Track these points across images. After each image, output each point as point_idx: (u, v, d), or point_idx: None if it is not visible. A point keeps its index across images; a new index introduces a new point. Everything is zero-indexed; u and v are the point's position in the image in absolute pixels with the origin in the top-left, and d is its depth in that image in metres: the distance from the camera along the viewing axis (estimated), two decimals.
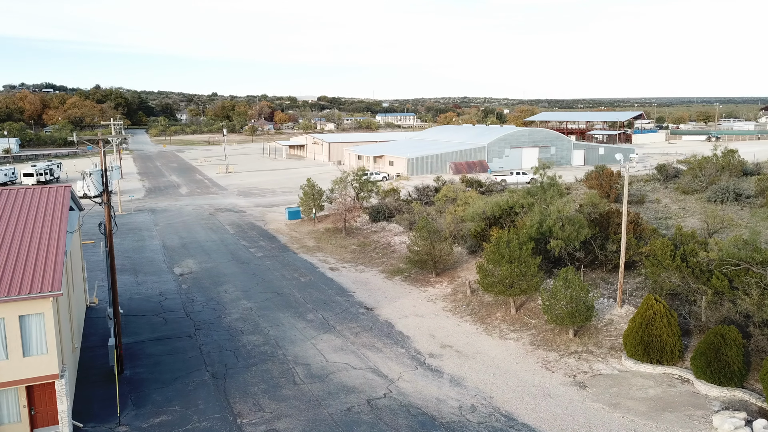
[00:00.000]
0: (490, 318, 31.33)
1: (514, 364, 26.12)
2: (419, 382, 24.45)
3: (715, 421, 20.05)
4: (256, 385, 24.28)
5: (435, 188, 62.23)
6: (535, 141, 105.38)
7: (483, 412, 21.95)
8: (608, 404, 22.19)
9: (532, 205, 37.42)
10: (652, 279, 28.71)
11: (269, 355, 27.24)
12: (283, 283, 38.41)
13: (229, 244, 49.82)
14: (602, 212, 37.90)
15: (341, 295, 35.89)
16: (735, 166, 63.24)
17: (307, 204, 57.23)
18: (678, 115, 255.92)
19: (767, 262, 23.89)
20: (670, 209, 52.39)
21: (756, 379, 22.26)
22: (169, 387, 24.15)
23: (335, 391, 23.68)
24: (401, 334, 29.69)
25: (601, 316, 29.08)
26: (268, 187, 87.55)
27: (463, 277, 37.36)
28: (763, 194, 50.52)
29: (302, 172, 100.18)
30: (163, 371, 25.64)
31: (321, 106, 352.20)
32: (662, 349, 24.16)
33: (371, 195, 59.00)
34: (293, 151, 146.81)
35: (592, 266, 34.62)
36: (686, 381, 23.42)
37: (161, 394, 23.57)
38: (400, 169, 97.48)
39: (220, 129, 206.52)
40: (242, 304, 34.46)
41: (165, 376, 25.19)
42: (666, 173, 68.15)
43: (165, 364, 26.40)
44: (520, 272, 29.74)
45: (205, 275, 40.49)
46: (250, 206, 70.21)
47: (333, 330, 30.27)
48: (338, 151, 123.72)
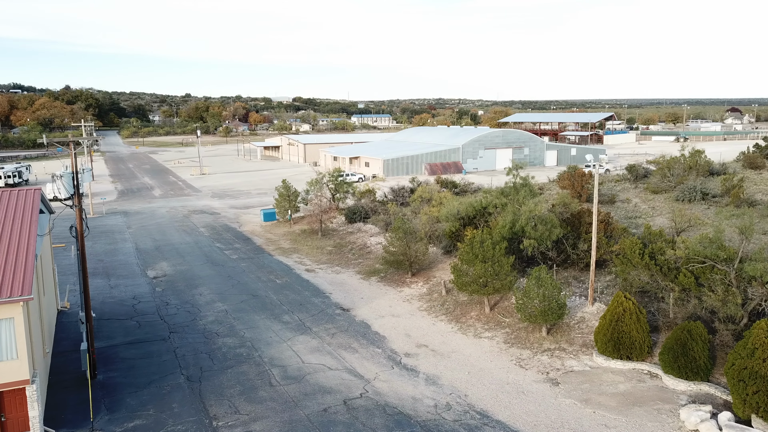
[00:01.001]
0: (464, 317, 31.69)
1: (489, 362, 26.49)
2: (395, 382, 24.64)
3: (682, 415, 20.63)
4: (232, 387, 24.22)
5: (410, 189, 62.59)
6: (509, 142, 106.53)
7: (458, 410, 22.23)
8: (580, 400, 22.66)
9: (505, 206, 37.93)
10: (622, 277, 29.35)
11: (245, 357, 27.18)
12: (259, 285, 38.29)
13: (204, 247, 49.45)
14: (574, 212, 38.57)
15: (317, 297, 35.93)
16: (702, 166, 64.84)
17: (283, 205, 57.08)
18: (648, 117, 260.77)
19: (731, 259, 24.62)
20: (640, 208, 53.48)
21: (721, 373, 22.94)
22: (143, 391, 23.96)
23: (311, 391, 23.74)
24: (377, 335, 29.87)
25: (573, 314, 29.62)
26: (243, 188, 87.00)
27: (438, 276, 37.69)
28: (729, 193, 51.90)
29: (277, 174, 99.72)
30: (138, 375, 25.41)
31: (296, 107, 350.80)
32: (632, 345, 24.74)
33: (347, 196, 59.08)
34: (268, 152, 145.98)
35: (564, 265, 35.23)
36: (655, 376, 24.03)
37: (135, 398, 23.37)
38: (375, 170, 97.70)
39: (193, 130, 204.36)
40: (217, 306, 34.28)
41: (139, 379, 24.97)
42: (636, 173, 69.56)
43: (139, 367, 26.16)
44: (494, 271, 30.15)
45: (179, 278, 40.14)
46: (224, 208, 69.72)
47: (309, 331, 30.31)
48: (314, 152, 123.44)
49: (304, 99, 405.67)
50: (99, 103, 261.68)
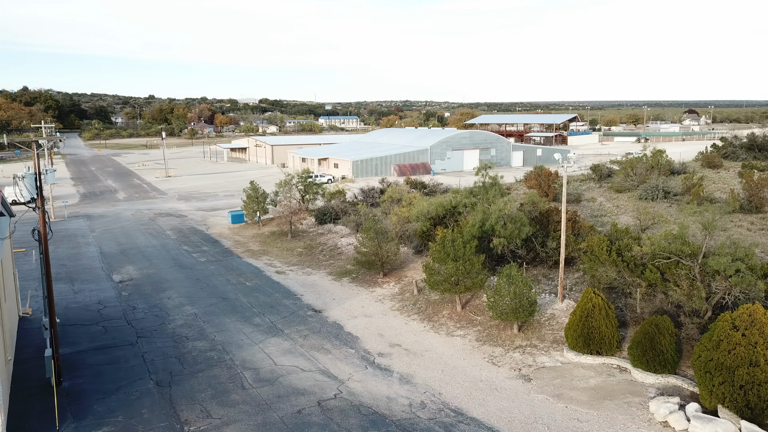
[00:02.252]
0: (437, 316, 31.81)
1: (462, 360, 26.63)
2: (369, 382, 24.57)
3: (652, 407, 21.08)
4: (203, 391, 23.80)
5: (380, 190, 62.63)
6: (476, 143, 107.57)
7: (433, 409, 22.29)
8: (552, 395, 22.95)
9: (474, 205, 38.23)
10: (590, 274, 29.87)
11: (216, 360, 26.75)
12: (228, 288, 37.77)
13: (171, 250, 48.56)
14: (542, 211, 39.11)
15: (288, 299, 35.61)
16: (663, 165, 66.53)
17: (251, 207, 56.47)
18: (610, 118, 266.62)
19: (695, 254, 25.28)
20: (605, 207, 54.58)
21: (687, 366, 23.53)
22: (111, 397, 23.35)
23: (285, 394, 23.50)
24: (350, 335, 29.75)
25: (543, 311, 30.02)
26: (210, 190, 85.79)
27: (410, 276, 37.77)
28: (689, 192, 53.36)
29: (245, 175, 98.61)
30: (105, 381, 24.76)
31: (263, 109, 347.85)
32: (601, 340, 25.18)
33: (317, 197, 58.76)
34: (235, 154, 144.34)
35: (534, 263, 35.70)
36: (624, 370, 24.50)
37: (103, 404, 22.76)
38: (345, 172, 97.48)
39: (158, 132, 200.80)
40: (186, 310, 33.68)
41: (107, 386, 24.34)
42: (600, 173, 70.99)
43: (106, 373, 25.50)
44: (465, 270, 30.35)
45: (146, 282, 39.32)
46: (191, 210, 68.61)
47: (281, 333, 30.01)
48: (281, 153, 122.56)
49: (271, 101, 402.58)
50: (59, 104, 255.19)
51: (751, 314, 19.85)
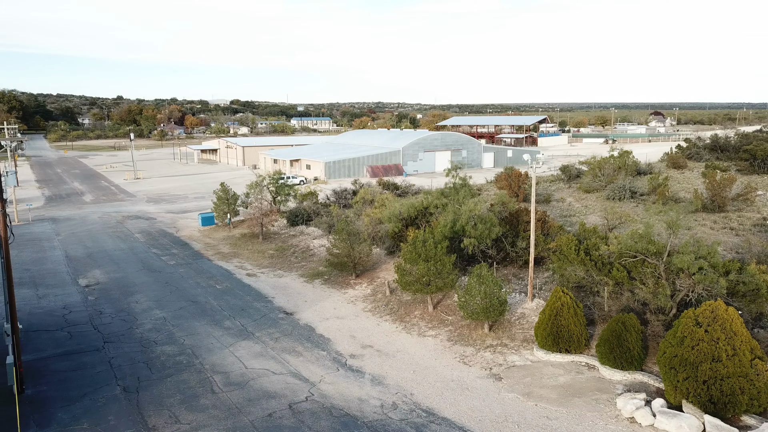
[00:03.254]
0: (408, 316, 31.87)
1: (433, 360, 26.72)
2: (341, 384, 24.49)
3: (619, 403, 21.44)
4: (172, 396, 23.42)
5: (353, 191, 62.56)
6: (448, 145, 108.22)
7: (404, 409, 22.31)
8: (522, 394, 23.18)
9: (445, 206, 38.44)
10: (559, 273, 30.27)
11: (185, 365, 26.35)
12: (198, 291, 37.27)
13: (139, 253, 47.72)
14: (512, 211, 39.51)
15: (259, 301, 35.30)
16: (630, 166, 67.87)
17: (222, 209, 55.86)
18: (578, 119, 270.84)
19: (660, 253, 25.81)
20: (574, 207, 55.42)
21: (653, 362, 24.00)
22: (76, 404, 22.83)
23: (256, 397, 23.27)
24: (322, 337, 29.62)
25: (513, 310, 30.31)
26: (180, 192, 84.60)
27: (382, 277, 37.78)
28: (655, 192, 54.51)
29: (216, 177, 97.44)
30: (70, 388, 24.19)
31: (234, 110, 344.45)
32: (570, 338, 25.53)
33: (288, 199, 58.41)
34: (206, 155, 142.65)
35: (504, 263, 36.05)
36: (592, 367, 24.88)
37: (68, 412, 22.23)
38: (317, 173, 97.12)
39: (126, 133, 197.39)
40: (155, 314, 33.12)
41: (72, 393, 23.78)
42: (569, 174, 72.05)
43: (71, 380, 24.92)
44: (436, 270, 30.48)
45: (113, 286, 38.56)
46: (160, 213, 67.55)
47: (252, 336, 29.72)
48: (253, 155, 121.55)
49: (243, 102, 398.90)
50: (23, 105, 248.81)
51: (713, 311, 20.34)
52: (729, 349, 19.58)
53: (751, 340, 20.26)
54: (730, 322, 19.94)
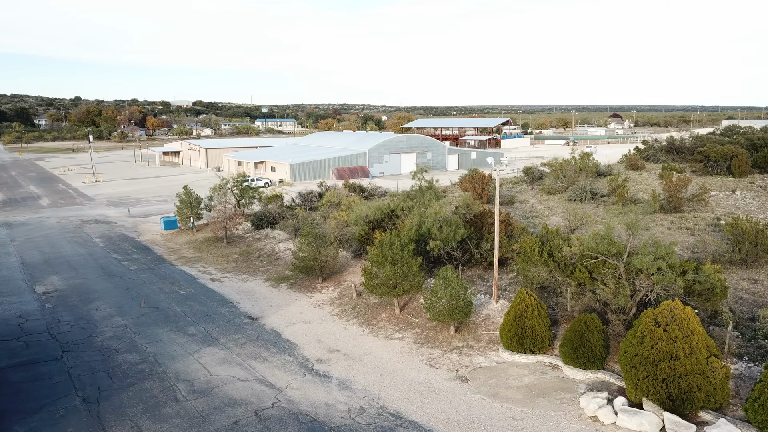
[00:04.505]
0: (375, 319, 31.89)
1: (400, 363, 26.80)
2: (308, 389, 24.34)
3: (582, 402, 21.87)
4: (134, 406, 22.90)
5: (319, 194, 62.31)
6: (413, 147, 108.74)
7: (372, 413, 22.30)
8: (488, 395, 23.43)
9: (411, 209, 38.60)
10: (523, 274, 30.72)
11: (148, 373, 25.81)
12: (161, 297, 36.56)
13: (99, 258, 46.54)
14: (476, 213, 39.93)
15: (224, 306, 34.82)
16: (590, 168, 69.36)
17: (185, 213, 54.92)
18: (540, 122, 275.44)
19: (620, 254, 26.44)
20: (537, 208, 56.34)
21: (615, 361, 24.55)
22: (33, 417, 22.12)
23: (221, 405, 22.94)
24: (288, 342, 29.39)
25: (479, 312, 30.62)
26: (141, 196, 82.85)
27: (349, 280, 37.70)
28: (615, 193, 55.81)
29: (178, 180, 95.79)
30: (26, 400, 23.42)
31: (197, 111, 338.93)
32: (534, 339, 25.92)
33: (253, 202, 57.77)
34: (168, 157, 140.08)
35: (469, 264, 36.40)
36: (556, 367, 25.32)
37: (24, 425, 21.52)
38: (282, 175, 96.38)
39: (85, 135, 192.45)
40: (116, 321, 32.35)
41: (28, 404, 23.03)
42: (532, 175, 73.22)
43: (28, 391, 24.13)
44: (403, 273, 30.58)
45: (72, 293, 37.50)
46: (121, 217, 66.03)
47: (217, 342, 29.30)
48: (216, 157, 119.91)
49: (206, 103, 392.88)
50: None
51: (671, 310, 20.93)
52: (686, 348, 20.18)
53: (707, 338, 20.92)
54: (687, 321, 20.54)
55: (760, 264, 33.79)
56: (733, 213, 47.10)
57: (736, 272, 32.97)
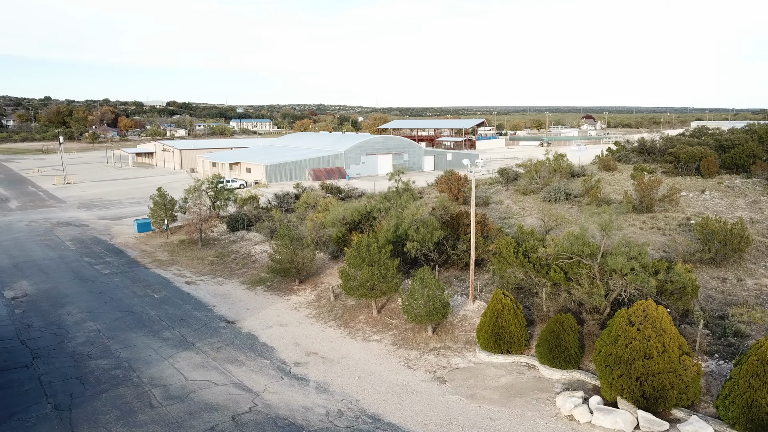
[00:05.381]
0: (353, 321, 31.83)
1: (378, 365, 26.79)
2: (285, 393, 24.20)
3: (558, 402, 22.13)
4: (108, 413, 22.50)
5: (295, 195, 62.00)
6: (390, 148, 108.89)
7: (350, 416, 22.26)
8: (466, 396, 23.56)
9: (389, 210, 38.65)
10: (499, 275, 30.97)
11: (122, 379, 25.39)
12: (135, 301, 35.99)
13: (71, 262, 45.64)
14: (453, 214, 40.13)
15: (200, 310, 34.43)
16: (564, 169, 70.11)
17: (159, 215, 54.16)
18: (515, 123, 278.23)
19: (595, 254, 26.82)
20: (512, 209, 56.83)
21: (590, 360, 24.88)
22: (2, 426, 21.56)
23: (197, 410, 22.66)
24: (265, 346, 29.17)
25: (456, 313, 30.77)
26: (114, 198, 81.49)
27: (326, 283, 37.57)
28: (588, 193, 56.58)
29: (152, 181, 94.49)
30: None
31: (170, 112, 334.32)
32: (511, 339, 26.14)
33: (228, 203, 57.26)
34: (141, 159, 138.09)
35: (446, 265, 36.57)
36: (532, 367, 25.56)
37: None
38: (258, 176, 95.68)
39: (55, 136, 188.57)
40: (88, 326, 31.75)
41: None
42: (507, 176, 73.81)
43: None
44: (380, 274, 30.58)
45: (43, 297, 36.71)
46: (93, 219, 64.85)
47: (192, 347, 28.94)
48: (191, 158, 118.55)
49: (179, 103, 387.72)
50: None
51: (644, 310, 21.29)
52: (659, 347, 20.55)
53: (679, 337, 21.33)
54: (660, 320, 20.92)
55: (729, 263, 34.56)
56: (703, 213, 48.09)
57: (706, 271, 33.68)
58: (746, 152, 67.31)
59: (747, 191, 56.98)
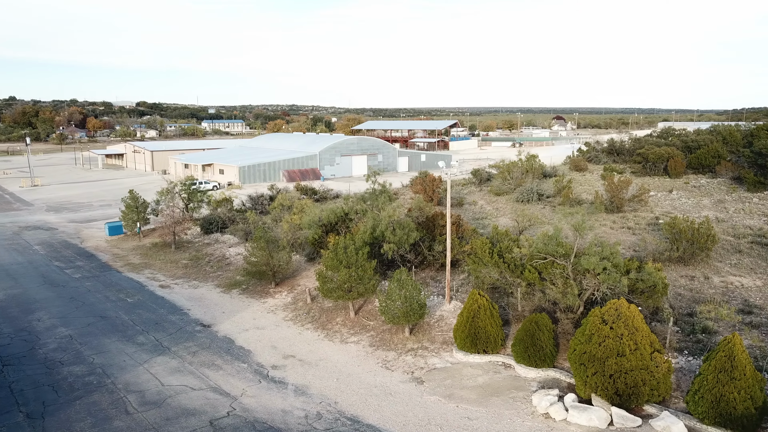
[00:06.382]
0: (330, 324, 31.86)
1: (356, 366, 26.88)
2: (263, 396, 24.13)
3: (534, 400, 22.50)
4: (82, 420, 22.16)
5: (270, 197, 61.68)
6: (364, 149, 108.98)
7: (329, 419, 22.30)
8: (444, 396, 23.80)
9: (365, 212, 38.76)
10: (475, 275, 31.32)
11: (96, 385, 25.00)
12: (108, 306, 35.44)
13: (40, 267, 44.69)
14: (428, 216, 40.41)
15: (174, 314, 34.06)
16: (536, 169, 71.10)
17: (131, 217, 53.35)
18: (487, 124, 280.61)
19: (568, 254, 27.32)
20: (486, 210, 57.45)
21: (564, 359, 25.35)
22: None
23: (174, 416, 22.46)
24: (242, 349, 29.02)
25: (432, 313, 31.02)
26: (84, 200, 79.96)
27: (302, 285, 37.50)
28: (560, 194, 57.48)
29: (123, 183, 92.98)
30: None
31: (140, 113, 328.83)
32: (487, 339, 26.47)
33: (202, 205, 56.69)
34: (111, 160, 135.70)
35: (422, 266, 36.84)
36: (509, 366, 25.94)
37: None
38: (231, 178, 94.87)
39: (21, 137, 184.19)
40: (60, 332, 31.17)
41: None
42: (480, 177, 74.53)
43: None
44: (358, 276, 30.67)
45: (11, 303, 35.89)
46: (62, 222, 63.55)
47: (168, 351, 28.64)
48: (162, 159, 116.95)
49: (150, 104, 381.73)
50: None
51: (617, 309, 21.80)
52: (632, 344, 21.06)
53: (651, 335, 21.89)
54: (632, 318, 21.44)
55: (696, 261, 35.51)
56: (671, 212, 49.28)
57: (675, 269, 34.55)
58: (711, 153, 69.14)
59: (712, 191, 58.56)
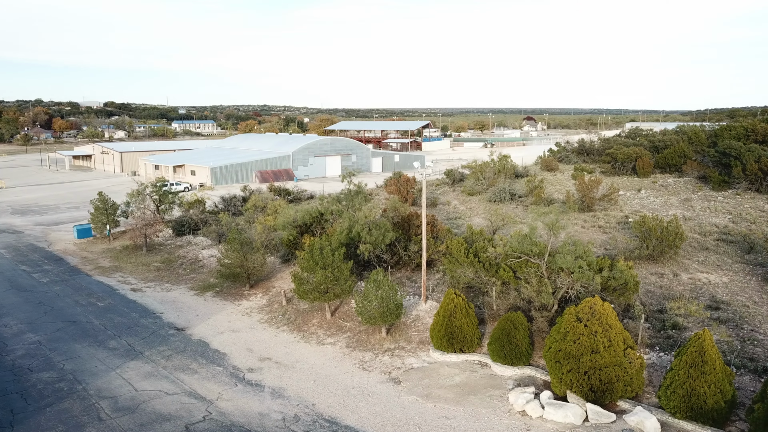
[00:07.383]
0: (306, 325, 31.70)
1: (333, 368, 26.80)
2: (240, 400, 23.89)
3: (511, 398, 22.73)
4: (53, 428, 21.63)
5: (243, 198, 61.12)
6: (338, 149, 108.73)
7: (307, 421, 22.19)
8: (421, 396, 23.88)
9: (341, 212, 38.68)
10: (450, 275, 31.50)
11: (67, 392, 24.45)
12: (77, 310, 34.68)
13: (6, 271, 43.50)
14: (404, 216, 40.50)
15: (147, 318, 33.50)
16: (508, 169, 71.80)
17: (100, 220, 52.31)
18: (459, 124, 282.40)
19: (542, 253, 27.67)
20: (459, 210, 57.82)
21: (540, 357, 25.66)
22: None
23: (148, 421, 22.09)
24: (217, 352, 28.69)
25: (409, 313, 31.10)
26: (51, 203, 78.10)
27: (277, 287, 37.24)
28: (532, 193, 58.17)
29: (91, 185, 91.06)
30: None
31: (108, 113, 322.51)
32: (464, 338, 26.65)
33: (173, 207, 55.88)
34: (79, 161, 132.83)
35: (398, 266, 36.91)
36: (485, 365, 26.15)
37: None
38: (203, 179, 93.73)
39: None
40: (28, 337, 30.39)
41: None
42: (453, 177, 74.95)
43: None
44: (334, 277, 30.58)
45: None
46: (29, 226, 61.97)
47: (141, 356, 28.15)
48: (132, 160, 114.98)
49: (118, 104, 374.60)
50: None
51: (591, 307, 22.16)
52: (606, 341, 21.43)
53: (624, 332, 22.31)
54: (605, 316, 21.82)
55: (665, 259, 36.28)
56: (640, 211, 50.26)
57: (645, 267, 35.24)
58: (678, 152, 70.75)
59: (679, 190, 59.92)
